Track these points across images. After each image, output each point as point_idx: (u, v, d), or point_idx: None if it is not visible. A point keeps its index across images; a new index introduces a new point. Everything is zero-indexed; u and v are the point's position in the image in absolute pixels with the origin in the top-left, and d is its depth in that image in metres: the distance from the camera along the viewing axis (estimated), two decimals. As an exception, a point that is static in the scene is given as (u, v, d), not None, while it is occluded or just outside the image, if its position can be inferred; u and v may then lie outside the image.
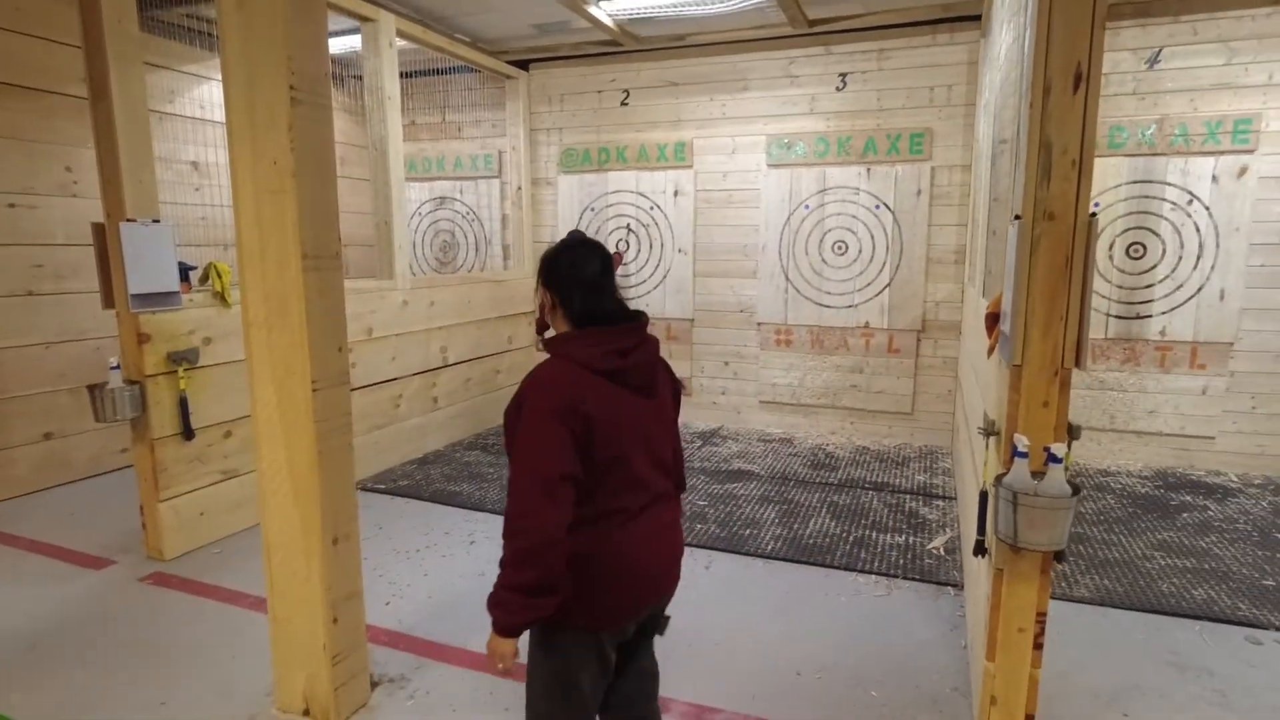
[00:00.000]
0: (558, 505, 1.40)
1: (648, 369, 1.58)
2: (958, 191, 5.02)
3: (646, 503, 1.58)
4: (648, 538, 1.59)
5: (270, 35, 1.90)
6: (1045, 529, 1.77)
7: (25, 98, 4.04)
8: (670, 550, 1.66)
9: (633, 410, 1.54)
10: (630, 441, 1.53)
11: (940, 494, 4.28)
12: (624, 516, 1.54)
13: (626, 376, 1.53)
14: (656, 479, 1.62)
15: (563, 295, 1.57)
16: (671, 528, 1.67)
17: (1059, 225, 1.73)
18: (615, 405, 1.50)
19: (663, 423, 1.64)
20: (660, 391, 1.63)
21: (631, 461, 1.53)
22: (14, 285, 4.05)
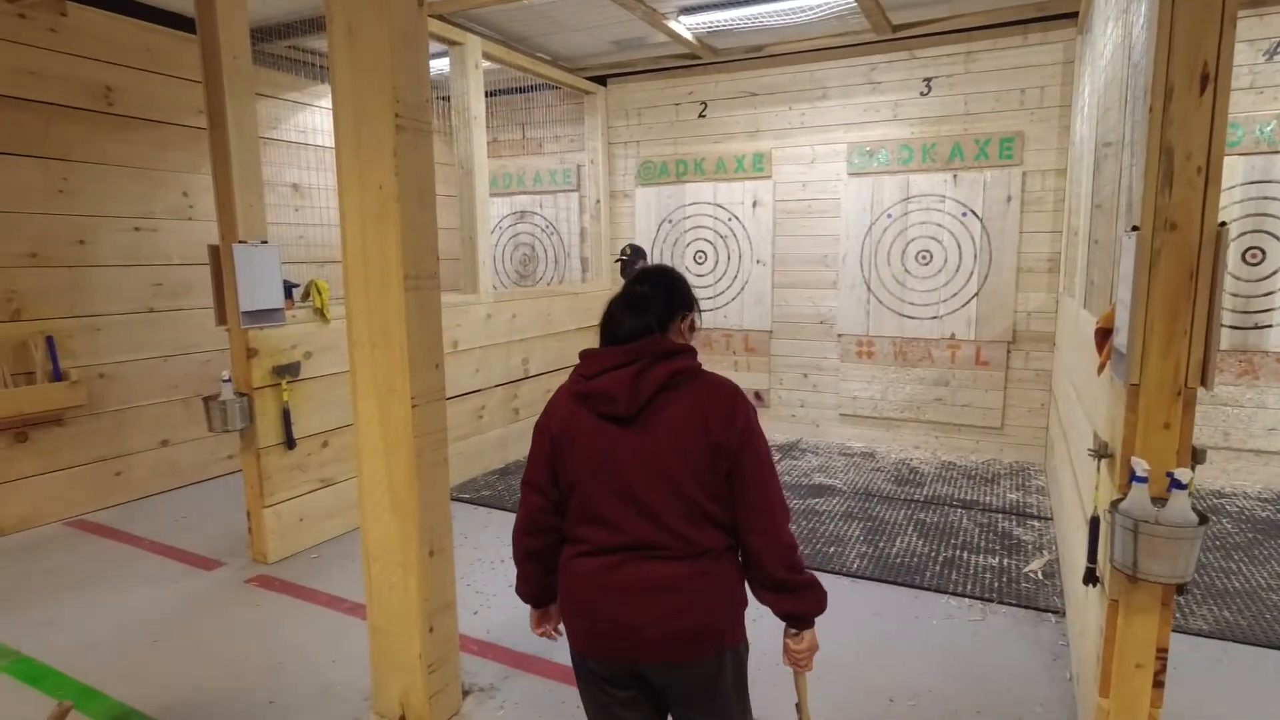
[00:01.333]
0: (523, 504, 1.52)
1: (619, 394, 1.37)
2: (1051, 197, 4.80)
3: (617, 546, 1.40)
4: (606, 588, 1.40)
5: (377, 66, 2.00)
6: (1168, 559, 1.67)
7: (147, 129, 4.37)
8: (648, 610, 1.37)
9: (597, 439, 1.40)
10: (589, 472, 1.40)
11: (1035, 514, 4.08)
12: (583, 549, 1.44)
13: (590, 400, 1.41)
14: (634, 525, 1.38)
15: None
16: (656, 592, 1.38)
17: (1182, 236, 1.63)
18: (575, 430, 1.42)
19: (656, 462, 1.37)
20: (658, 428, 1.38)
21: (591, 494, 1.41)
22: (137, 303, 4.37)
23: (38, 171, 3.90)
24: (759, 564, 1.42)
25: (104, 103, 4.14)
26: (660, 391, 1.39)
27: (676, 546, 1.38)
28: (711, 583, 1.40)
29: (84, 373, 4.10)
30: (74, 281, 4.07)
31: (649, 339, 1.42)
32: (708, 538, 1.40)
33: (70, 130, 4.01)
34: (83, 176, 4.08)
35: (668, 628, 1.38)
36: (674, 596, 1.38)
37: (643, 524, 1.38)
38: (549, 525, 1.50)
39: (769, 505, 1.41)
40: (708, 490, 1.38)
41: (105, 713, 2.41)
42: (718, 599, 1.41)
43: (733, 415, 1.39)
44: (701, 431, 1.37)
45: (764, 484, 1.41)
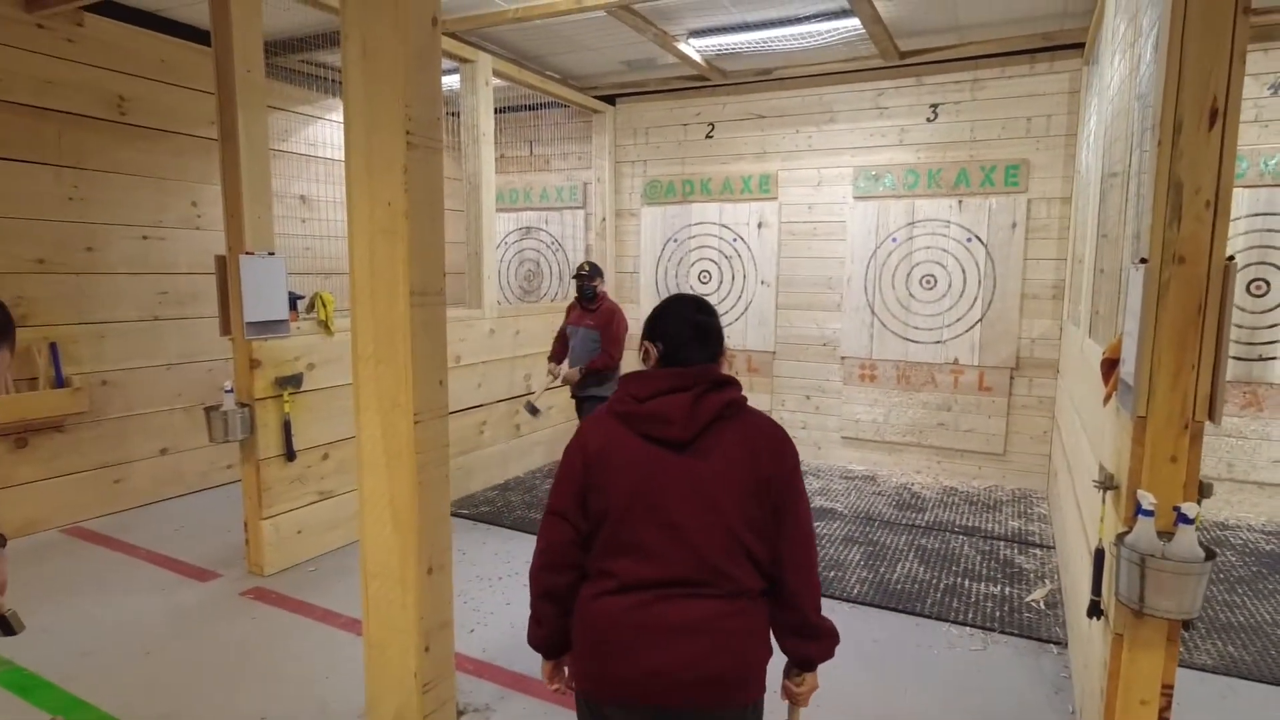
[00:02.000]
0: (545, 536, 1.43)
1: (676, 418, 1.33)
2: (1056, 224, 4.82)
3: (653, 581, 1.32)
4: (640, 627, 1.32)
5: (390, 84, 2.01)
6: (1175, 595, 1.65)
7: (159, 139, 4.40)
8: (693, 663, 1.30)
9: (642, 462, 1.34)
10: (629, 497, 1.33)
11: (1037, 542, 4.05)
12: (608, 584, 1.35)
13: (639, 422, 1.36)
14: (674, 558, 1.32)
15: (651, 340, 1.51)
16: (691, 633, 1.31)
17: (1191, 269, 1.63)
18: (617, 452, 1.36)
19: (706, 493, 1.33)
20: (712, 454, 1.34)
21: (629, 521, 1.33)
22: (143, 310, 4.38)
23: (50, 178, 3.93)
24: (796, 604, 1.39)
25: (117, 112, 4.18)
26: (716, 420, 1.36)
27: (717, 584, 1.33)
28: (749, 624, 1.36)
29: (87, 379, 4.10)
30: (81, 288, 4.09)
31: (704, 366, 1.42)
32: (747, 577, 1.35)
33: (84, 139, 4.05)
34: (94, 184, 4.11)
35: (703, 670, 1.31)
36: (712, 637, 1.32)
37: (684, 557, 1.32)
38: (574, 561, 1.41)
39: (809, 544, 1.41)
40: (753, 526, 1.34)
41: (96, 725, 2.38)
42: (754, 643, 1.37)
43: (783, 452, 1.40)
44: (752, 466, 1.35)
45: (806, 524, 1.41)
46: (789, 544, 1.37)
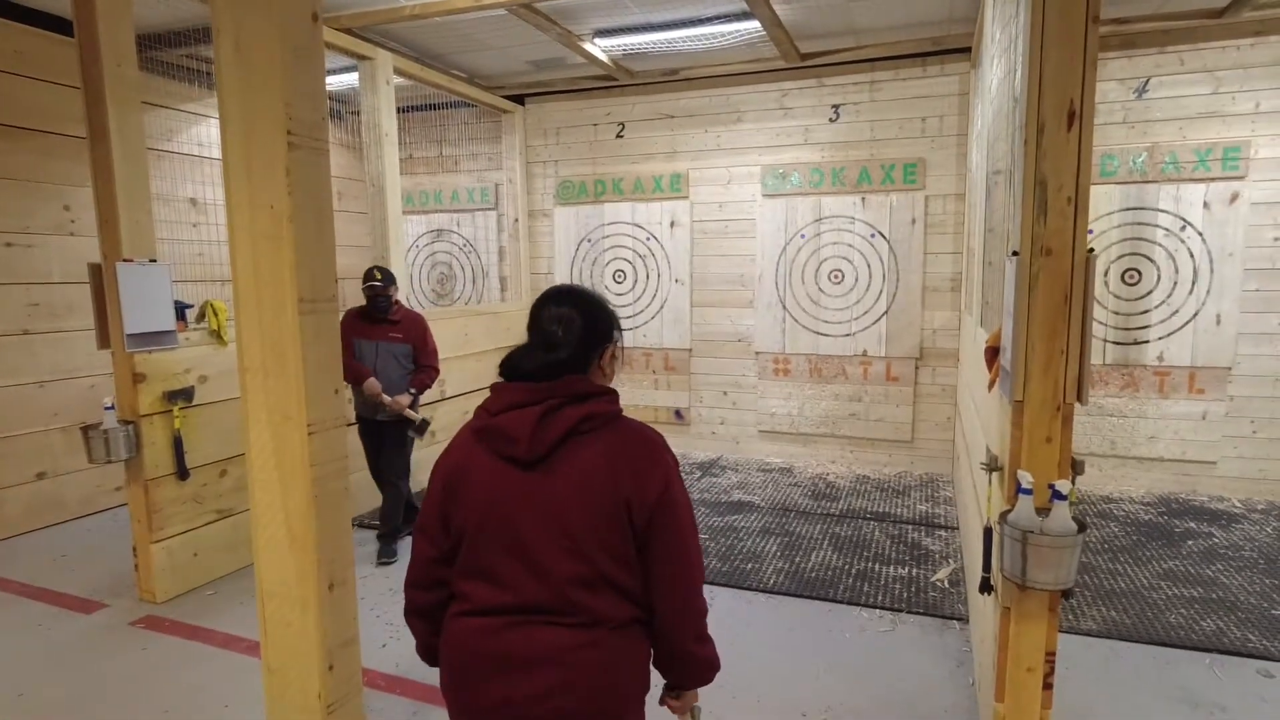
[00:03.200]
0: (412, 553, 1.39)
1: (520, 435, 1.24)
2: (952, 220, 5.06)
3: (502, 607, 1.24)
4: (484, 654, 1.24)
5: (268, 82, 1.91)
6: (1052, 568, 1.75)
7: (24, 138, 4.06)
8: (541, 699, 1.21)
9: (492, 482, 1.26)
10: (479, 518, 1.26)
11: (942, 524, 4.24)
12: (464, 605, 1.29)
13: (489, 438, 1.28)
14: (523, 584, 1.23)
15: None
16: (539, 665, 1.22)
17: (1057, 261, 1.73)
18: (470, 470, 1.29)
19: (558, 515, 1.23)
20: (565, 476, 1.24)
21: (479, 543, 1.26)
22: (10, 324, 4.04)
23: (-107, 182, 3.57)
24: (668, 633, 1.31)
25: (-27, 109, 3.84)
26: (570, 437, 1.25)
27: (570, 613, 1.23)
28: (603, 657, 1.24)
29: (-53, 401, 3.75)
30: (-64, 302, 3.73)
31: (562, 380, 1.28)
32: (606, 606, 1.24)
33: (-68, 138, 3.70)
34: (-53, 188, 3.76)
35: (553, 704, 1.21)
36: (561, 671, 1.22)
37: (532, 583, 1.23)
38: (438, 578, 1.35)
39: (686, 570, 1.29)
40: (612, 551, 1.24)
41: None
42: (611, 678, 1.25)
43: (650, 470, 1.26)
44: (611, 486, 1.23)
45: (681, 547, 1.28)
46: (660, 568, 1.26)
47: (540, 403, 1.26)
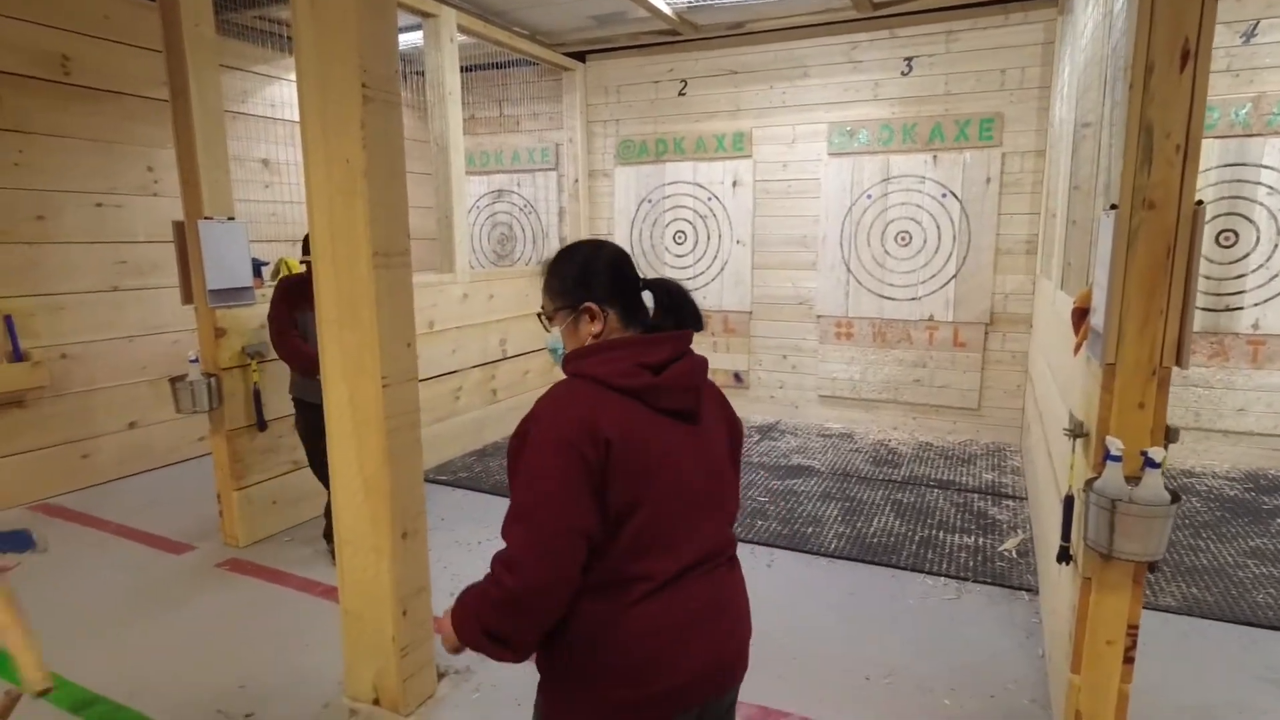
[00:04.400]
0: (553, 565, 1.12)
1: (690, 389, 1.25)
2: (1030, 179, 4.81)
3: (685, 567, 1.21)
4: (691, 616, 1.21)
5: (342, 35, 1.92)
6: (1141, 538, 1.67)
7: (110, 101, 4.22)
8: (731, 629, 1.27)
9: (668, 440, 1.21)
10: (660, 482, 1.18)
11: (1010, 493, 4.12)
12: (645, 588, 1.17)
13: (659, 396, 1.20)
14: (705, 534, 1.24)
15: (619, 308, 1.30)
16: (733, 599, 1.29)
17: (1161, 215, 1.62)
18: (642, 432, 1.17)
19: (714, 459, 1.29)
20: (707, 419, 1.30)
21: (659, 510, 1.18)
22: (100, 281, 4.25)
23: (-8, 144, 3.76)
24: None
25: (61, 72, 3.99)
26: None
27: (727, 551, 1.31)
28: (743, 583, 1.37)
29: (46, 353, 3.98)
30: (34, 259, 3.94)
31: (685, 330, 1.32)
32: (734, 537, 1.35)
33: (27, 101, 3.86)
34: (41, 149, 3.94)
35: (745, 646, 1.31)
36: (741, 605, 1.33)
37: (710, 529, 1.26)
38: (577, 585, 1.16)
39: None
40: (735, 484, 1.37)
41: (71, 699, 2.36)
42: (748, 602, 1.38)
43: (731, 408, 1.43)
44: (727, 424, 1.37)
45: None
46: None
47: (684, 353, 1.27)
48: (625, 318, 1.30)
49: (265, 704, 2.36)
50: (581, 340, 1.30)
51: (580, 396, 1.18)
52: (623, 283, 1.32)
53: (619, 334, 1.29)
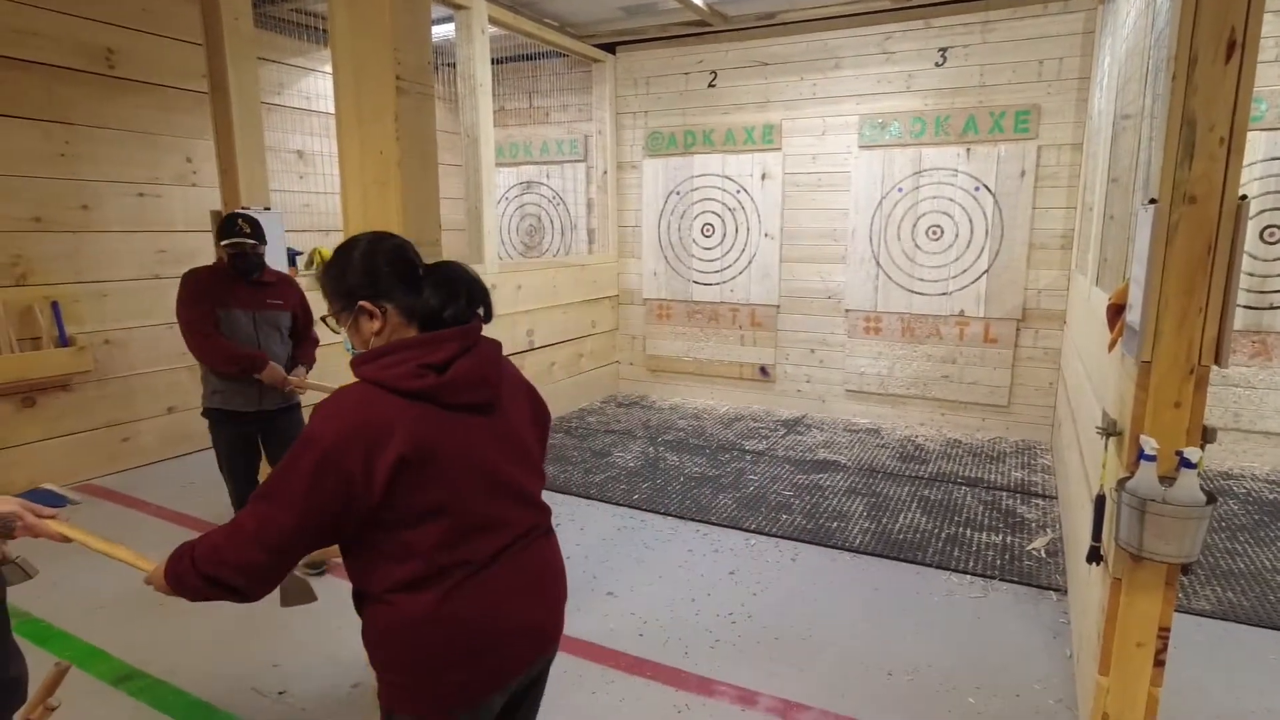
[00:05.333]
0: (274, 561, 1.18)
1: (479, 383, 1.26)
2: (1066, 172, 4.71)
3: (503, 545, 1.27)
4: (512, 590, 1.28)
5: (377, 27, 1.95)
6: (1174, 539, 1.65)
7: (151, 93, 4.32)
8: (550, 597, 1.36)
9: (466, 436, 1.23)
10: (463, 480, 1.22)
11: (1040, 492, 4.06)
12: (469, 570, 1.22)
13: (447, 394, 1.21)
14: (516, 514, 1.30)
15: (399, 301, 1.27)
16: (549, 569, 1.37)
17: (1202, 209, 1.58)
18: (433, 436, 1.19)
19: (518, 441, 1.33)
20: (507, 402, 1.33)
21: (468, 504, 1.22)
22: (142, 269, 4.36)
23: (39, 135, 3.87)
24: None
25: (105, 65, 4.09)
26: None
27: (545, 519, 1.39)
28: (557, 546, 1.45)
29: (90, 339, 4.11)
30: (78, 247, 4.06)
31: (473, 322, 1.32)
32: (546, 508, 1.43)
33: (71, 93, 3.97)
34: (85, 140, 4.05)
35: (562, 605, 1.41)
36: (560, 570, 1.41)
37: (519, 508, 1.31)
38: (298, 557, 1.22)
39: None
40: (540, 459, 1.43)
41: (110, 673, 2.45)
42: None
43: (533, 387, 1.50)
44: (531, 404, 1.43)
45: None
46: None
47: (473, 346, 1.28)
48: (407, 312, 1.27)
49: (297, 682, 2.42)
50: (365, 339, 1.28)
51: (361, 404, 1.18)
52: (401, 276, 1.28)
53: (403, 329, 1.27)
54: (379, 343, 1.27)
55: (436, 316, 1.27)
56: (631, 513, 3.80)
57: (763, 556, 3.31)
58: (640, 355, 6.28)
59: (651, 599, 2.93)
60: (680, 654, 2.55)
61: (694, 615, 2.81)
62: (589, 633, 2.68)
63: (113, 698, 2.34)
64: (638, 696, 2.33)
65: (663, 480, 4.25)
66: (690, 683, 2.40)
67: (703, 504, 3.88)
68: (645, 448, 4.85)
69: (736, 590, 3.00)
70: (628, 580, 3.08)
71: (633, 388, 6.39)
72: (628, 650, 2.58)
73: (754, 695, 2.33)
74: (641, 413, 5.75)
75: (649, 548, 3.40)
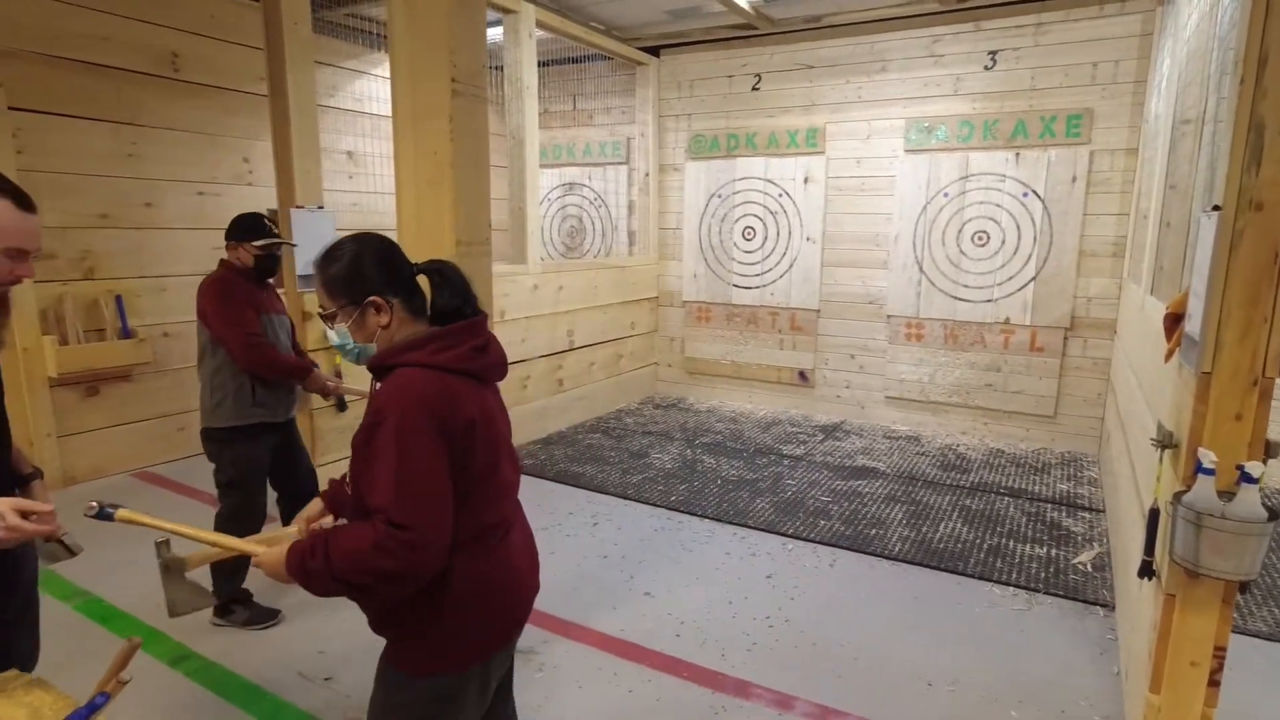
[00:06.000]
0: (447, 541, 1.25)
1: (503, 362, 1.44)
2: (1120, 178, 4.60)
3: (515, 509, 1.47)
4: (522, 552, 1.46)
5: (434, 32, 2.00)
6: (1233, 555, 1.60)
7: (212, 95, 4.48)
8: (537, 563, 1.53)
9: (494, 405, 1.41)
10: (499, 441, 1.38)
11: (1086, 505, 3.97)
12: (504, 529, 1.40)
13: (488, 373, 1.39)
14: (517, 481, 1.48)
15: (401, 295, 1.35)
16: (532, 537, 1.55)
17: (1269, 217, 1.54)
18: (485, 405, 1.35)
19: (507, 418, 1.48)
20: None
21: (501, 465, 1.38)
22: (200, 266, 4.51)
23: (108, 135, 4.04)
24: None
25: (171, 69, 4.25)
26: None
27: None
28: None
29: (150, 331, 4.27)
30: (141, 243, 4.22)
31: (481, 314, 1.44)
32: None
33: (139, 95, 4.14)
34: (150, 141, 4.21)
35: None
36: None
37: (518, 472, 1.49)
38: None
39: None
40: None
41: (167, 654, 2.54)
42: None
43: None
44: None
45: None
46: None
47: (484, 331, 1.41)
48: (410, 306, 1.36)
49: (342, 668, 2.49)
50: (370, 333, 1.35)
51: (431, 381, 1.27)
52: (399, 272, 1.36)
53: (409, 321, 1.35)
54: (386, 336, 1.35)
55: (451, 311, 1.37)
56: (669, 514, 3.82)
57: (800, 561, 3.29)
58: (679, 357, 6.29)
59: (689, 600, 2.94)
60: (717, 655, 2.56)
61: (731, 618, 2.81)
62: (626, 631, 2.70)
63: (171, 677, 2.43)
64: (675, 695, 2.35)
65: (700, 482, 4.25)
66: (727, 685, 2.40)
67: (740, 507, 3.88)
68: (683, 450, 4.85)
69: (774, 594, 2.99)
70: (665, 581, 3.10)
71: (670, 389, 6.40)
72: (664, 650, 2.59)
73: (791, 700, 2.32)
74: (679, 415, 5.76)
75: (686, 549, 3.41)
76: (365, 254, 1.34)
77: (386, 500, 1.19)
